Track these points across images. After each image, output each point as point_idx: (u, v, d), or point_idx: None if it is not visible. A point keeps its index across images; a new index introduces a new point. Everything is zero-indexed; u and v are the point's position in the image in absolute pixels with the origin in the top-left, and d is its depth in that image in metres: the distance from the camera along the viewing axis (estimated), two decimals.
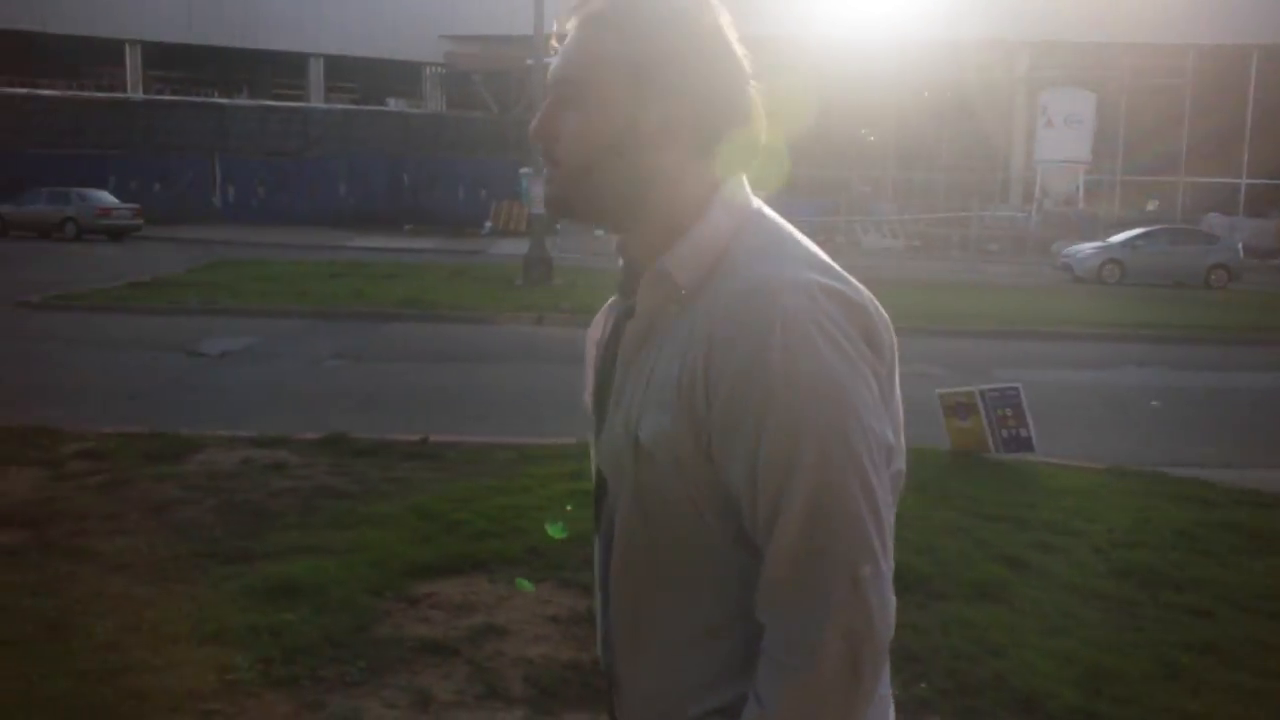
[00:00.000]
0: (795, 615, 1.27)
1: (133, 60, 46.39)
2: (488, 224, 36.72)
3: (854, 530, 1.25)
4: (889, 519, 1.29)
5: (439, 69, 49.68)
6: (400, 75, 49.34)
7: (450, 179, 39.84)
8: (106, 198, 32.36)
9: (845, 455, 1.24)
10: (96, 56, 47.19)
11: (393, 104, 49.89)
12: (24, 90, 45.75)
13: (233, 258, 23.70)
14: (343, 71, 49.76)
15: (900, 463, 1.37)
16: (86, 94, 47.19)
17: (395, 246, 29.65)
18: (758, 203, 1.40)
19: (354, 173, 40.47)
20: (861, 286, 1.33)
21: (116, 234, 31.25)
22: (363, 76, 50.79)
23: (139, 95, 46.32)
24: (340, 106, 47.86)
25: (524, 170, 27.68)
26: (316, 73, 48.64)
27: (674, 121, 1.33)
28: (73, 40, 45.19)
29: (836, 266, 1.34)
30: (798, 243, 1.35)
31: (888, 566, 1.27)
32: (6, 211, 31.12)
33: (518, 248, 26.07)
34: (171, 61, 48.64)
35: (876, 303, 1.34)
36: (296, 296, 16.55)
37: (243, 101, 47.86)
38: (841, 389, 1.24)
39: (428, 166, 40.40)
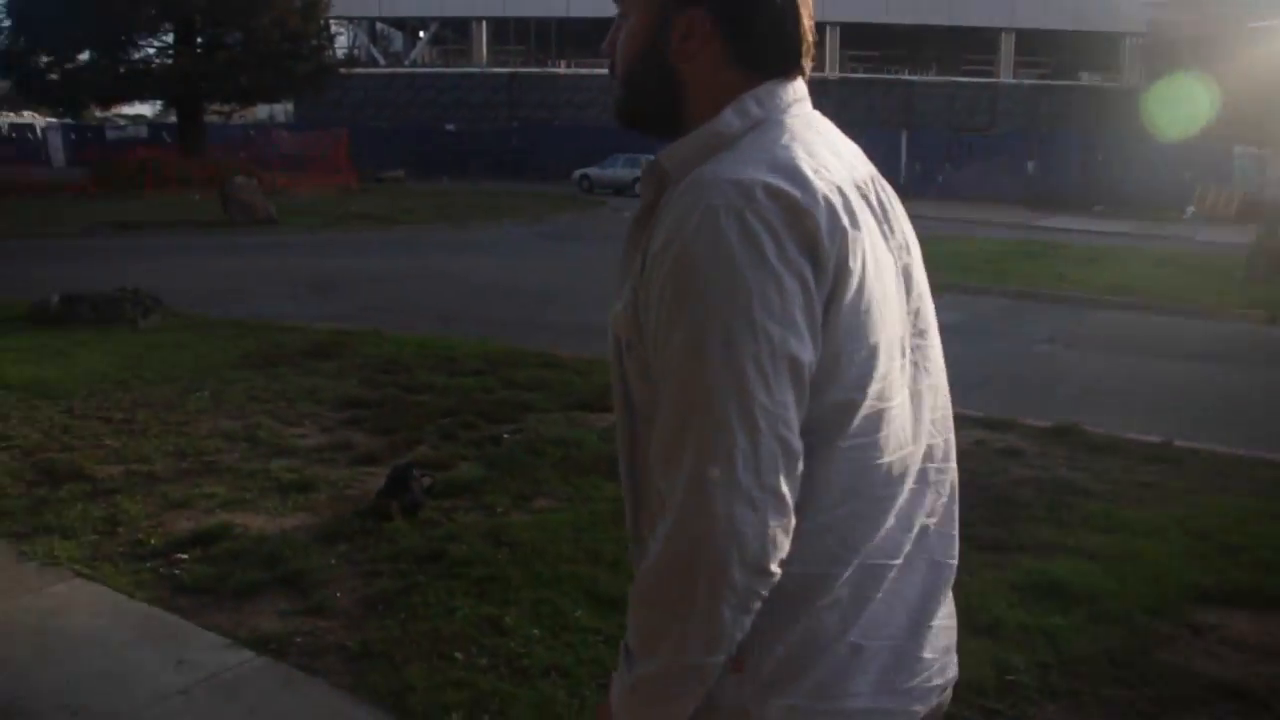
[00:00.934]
0: (662, 505, 1.24)
1: (832, 41, 48.82)
2: (1190, 209, 33.55)
3: (712, 427, 1.17)
4: (783, 435, 1.19)
5: (1140, 38, 46.48)
6: (1096, 47, 46.93)
7: (1147, 159, 36.96)
8: None
9: (723, 349, 1.17)
10: None
11: (1085, 78, 47.60)
12: None
13: (920, 233, 23.87)
14: (1034, 45, 48.48)
15: (852, 395, 1.26)
16: None
17: (1086, 228, 27.95)
18: (797, 110, 1.36)
19: (1043, 150, 39.25)
20: (835, 199, 1.24)
21: None
22: (1055, 50, 49.13)
23: (835, 74, 48.67)
24: (1029, 82, 46.72)
25: (1239, 149, 24.78)
26: (1007, 47, 47.93)
27: (696, 30, 1.33)
28: None
29: (820, 178, 1.25)
30: (787, 148, 1.28)
31: (759, 487, 1.18)
32: (592, 173, 38.59)
33: (1226, 236, 23.56)
34: (867, 41, 50.44)
35: (850, 218, 1.24)
36: (996, 276, 16.16)
37: (931, 78, 48.50)
38: (738, 282, 1.17)
39: (1123, 145, 37.84)
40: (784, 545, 1.20)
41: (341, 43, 52.80)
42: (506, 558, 4.51)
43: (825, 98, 45.96)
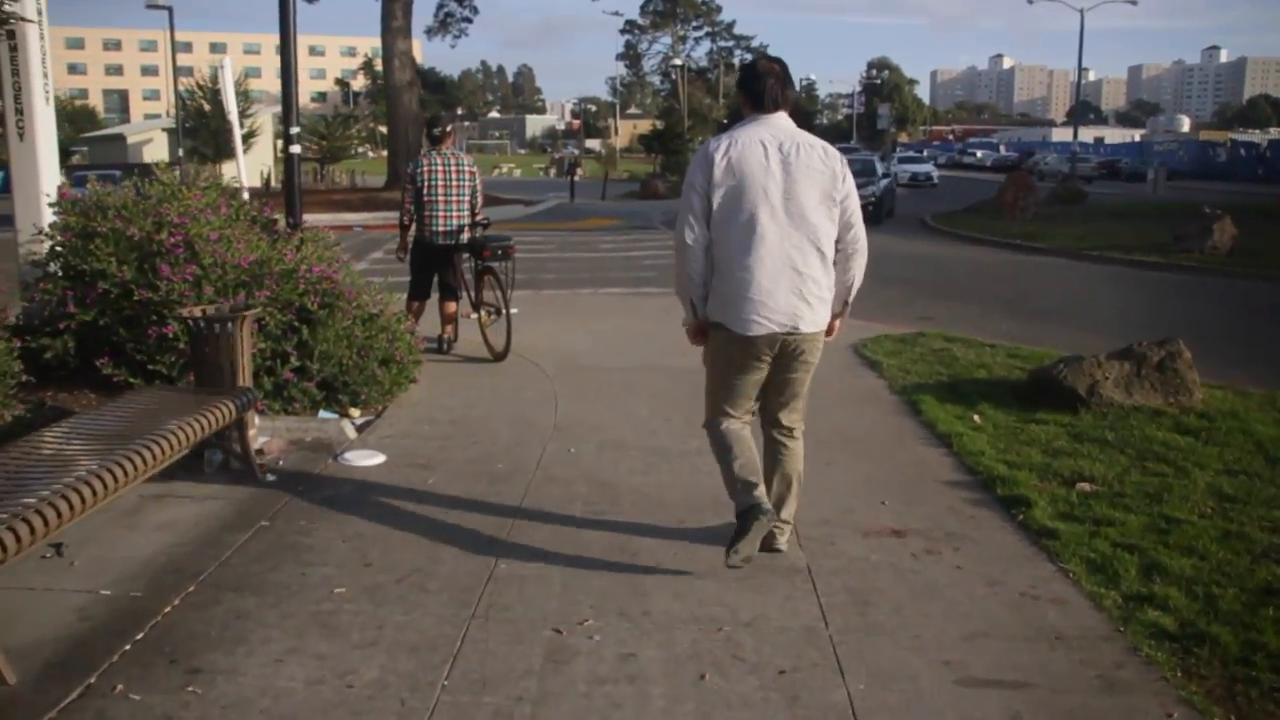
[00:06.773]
0: None
1: None
2: None
3: (679, 209, 4.42)
4: (691, 207, 4.30)
5: None
6: None
7: None
8: None
9: (684, 186, 4.38)
10: None
11: None
12: None
13: None
14: None
15: (717, 199, 4.26)
16: None
17: None
18: (761, 120, 4.35)
19: None
20: (724, 143, 4.32)
21: None
22: None
23: None
24: None
25: None
26: None
27: (741, 100, 4.50)
28: None
29: (728, 138, 4.35)
30: (731, 130, 4.40)
31: (683, 221, 4.34)
32: None
33: None
34: None
35: (724, 152, 4.27)
36: None
37: None
38: (691, 167, 4.38)
39: None
40: (690, 238, 4.30)
41: None
42: None
43: None
